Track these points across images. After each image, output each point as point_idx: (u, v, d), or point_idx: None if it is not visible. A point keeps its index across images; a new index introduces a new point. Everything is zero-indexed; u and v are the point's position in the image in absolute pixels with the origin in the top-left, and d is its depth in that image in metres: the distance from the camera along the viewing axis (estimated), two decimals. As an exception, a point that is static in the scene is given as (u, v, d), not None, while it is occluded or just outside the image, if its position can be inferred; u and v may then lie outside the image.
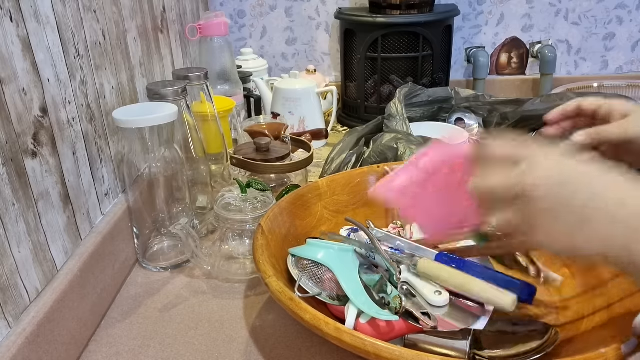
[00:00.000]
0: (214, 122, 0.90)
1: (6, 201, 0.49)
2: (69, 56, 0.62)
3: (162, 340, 0.61)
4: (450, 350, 0.49)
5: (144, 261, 0.76)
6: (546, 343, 0.49)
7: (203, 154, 0.83)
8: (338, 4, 1.49)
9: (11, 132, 0.50)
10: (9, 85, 0.50)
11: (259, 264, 0.55)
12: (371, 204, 0.74)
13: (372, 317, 0.51)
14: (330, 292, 0.56)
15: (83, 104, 0.66)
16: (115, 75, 0.76)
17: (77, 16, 0.65)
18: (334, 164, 0.87)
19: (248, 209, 0.71)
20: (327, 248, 0.59)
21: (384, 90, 1.33)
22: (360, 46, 1.30)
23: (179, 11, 1.14)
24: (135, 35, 0.86)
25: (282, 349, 0.59)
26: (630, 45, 1.50)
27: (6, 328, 0.49)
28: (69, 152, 0.62)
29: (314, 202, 0.71)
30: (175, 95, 0.76)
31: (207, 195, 0.86)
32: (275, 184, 0.89)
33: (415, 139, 0.82)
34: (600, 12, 1.47)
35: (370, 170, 0.75)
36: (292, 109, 1.18)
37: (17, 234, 0.51)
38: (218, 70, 1.10)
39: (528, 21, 1.49)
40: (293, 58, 1.56)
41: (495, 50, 1.53)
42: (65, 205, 0.61)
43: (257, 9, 1.51)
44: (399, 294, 0.55)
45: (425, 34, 1.26)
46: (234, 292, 0.70)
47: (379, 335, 0.50)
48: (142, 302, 0.68)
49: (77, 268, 0.60)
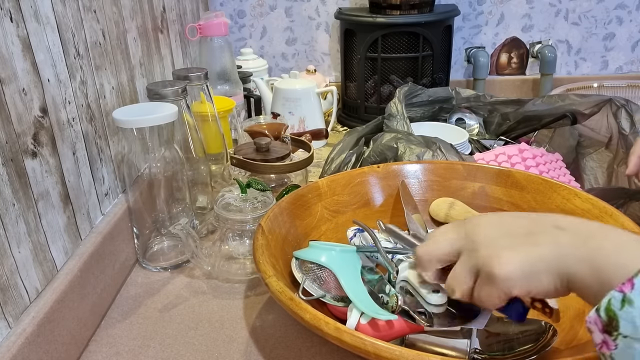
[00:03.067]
0: (214, 122, 0.90)
1: (6, 201, 0.49)
2: (69, 56, 0.62)
3: (162, 340, 0.61)
4: (451, 350, 0.49)
5: (144, 261, 0.76)
6: (545, 342, 0.49)
7: (203, 154, 0.83)
8: (338, 4, 1.49)
9: (11, 132, 0.50)
10: (9, 85, 0.50)
11: (259, 264, 0.55)
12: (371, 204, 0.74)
13: (372, 318, 0.51)
14: (335, 293, 0.56)
15: (83, 104, 0.66)
16: (115, 75, 0.76)
17: (77, 16, 0.65)
18: (334, 164, 0.87)
19: (248, 209, 0.71)
20: (329, 250, 0.59)
21: (384, 90, 1.33)
22: (360, 46, 1.30)
23: (179, 11, 1.14)
24: (135, 35, 0.86)
25: (282, 349, 0.59)
26: (630, 45, 1.50)
27: (6, 328, 0.49)
28: (69, 152, 0.62)
29: (314, 202, 0.71)
30: (175, 95, 0.76)
31: (207, 195, 0.86)
32: (275, 184, 0.89)
33: (416, 139, 0.82)
34: (600, 12, 1.47)
35: (370, 170, 0.75)
36: (292, 109, 1.18)
37: (17, 234, 0.51)
38: (218, 70, 1.10)
39: (528, 21, 1.49)
40: (293, 58, 1.56)
41: (495, 50, 1.53)
42: (65, 205, 0.61)
43: (257, 9, 1.51)
44: (396, 293, 0.55)
45: (425, 34, 1.26)
46: (234, 292, 0.70)
47: (380, 335, 0.50)
48: (142, 302, 0.68)
49: (77, 268, 0.60)
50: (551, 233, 0.40)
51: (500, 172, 0.73)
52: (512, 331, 0.52)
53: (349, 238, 0.66)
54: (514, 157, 0.81)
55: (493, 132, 1.07)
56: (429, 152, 0.79)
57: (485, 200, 0.72)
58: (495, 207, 0.71)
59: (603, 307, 0.32)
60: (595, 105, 0.90)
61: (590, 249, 0.37)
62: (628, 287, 0.31)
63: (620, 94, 1.34)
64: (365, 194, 0.74)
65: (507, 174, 0.72)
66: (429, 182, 0.75)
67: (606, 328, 0.32)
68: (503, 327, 0.53)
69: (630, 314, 0.31)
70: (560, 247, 0.38)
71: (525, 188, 0.70)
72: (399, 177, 0.75)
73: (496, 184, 0.72)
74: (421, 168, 0.75)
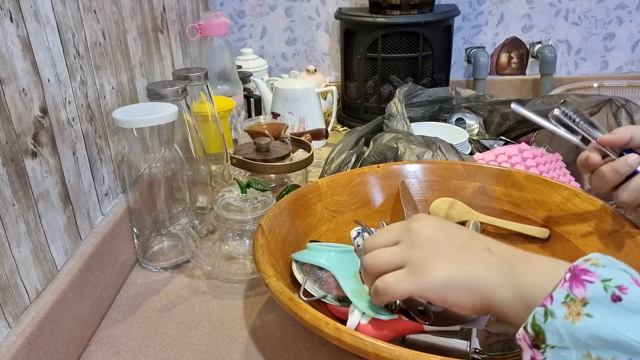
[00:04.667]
0: (214, 122, 0.90)
1: (6, 201, 0.49)
2: (69, 56, 0.62)
3: (162, 340, 0.61)
4: (451, 350, 0.49)
5: (144, 261, 0.76)
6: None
7: (203, 154, 0.83)
8: (338, 4, 1.49)
9: (11, 132, 0.50)
10: (9, 85, 0.50)
11: (259, 264, 0.55)
12: (371, 204, 0.74)
13: (372, 318, 0.51)
14: (335, 294, 0.56)
15: (83, 104, 0.66)
16: (115, 75, 0.76)
17: (77, 16, 0.65)
18: (334, 164, 0.87)
19: (248, 209, 0.71)
20: (328, 251, 0.59)
21: (384, 90, 1.33)
22: (360, 46, 1.30)
23: (179, 11, 1.14)
24: (135, 35, 0.86)
25: (282, 349, 0.59)
26: (630, 45, 1.50)
27: (6, 328, 0.49)
28: (69, 152, 0.62)
29: (314, 202, 0.71)
30: (175, 95, 0.76)
31: (207, 195, 0.86)
32: (275, 184, 0.89)
33: (416, 139, 0.82)
34: (600, 12, 1.47)
35: (370, 170, 0.75)
36: (292, 109, 1.18)
37: (17, 234, 0.51)
38: (218, 70, 1.10)
39: (528, 21, 1.49)
40: (293, 58, 1.56)
41: (495, 50, 1.53)
42: (65, 205, 0.61)
43: (257, 9, 1.51)
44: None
45: (425, 34, 1.26)
46: (234, 292, 0.70)
47: (379, 336, 0.50)
48: (142, 302, 0.68)
49: (77, 268, 0.60)
50: (482, 254, 0.42)
51: (500, 172, 0.73)
52: (512, 331, 0.52)
53: (352, 238, 0.66)
54: (514, 157, 0.81)
55: (493, 132, 1.07)
56: (429, 152, 0.79)
57: (485, 200, 0.72)
58: (496, 207, 0.71)
59: (529, 323, 0.34)
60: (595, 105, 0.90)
61: (514, 274, 0.40)
62: (548, 301, 0.34)
63: (620, 94, 1.34)
64: (365, 194, 0.74)
65: (507, 174, 0.72)
66: (429, 182, 0.75)
67: (534, 342, 0.34)
68: (503, 327, 0.53)
69: (554, 325, 0.33)
70: (489, 269, 0.41)
71: (525, 188, 0.70)
72: (399, 177, 0.75)
73: (496, 184, 0.72)
74: (421, 168, 0.75)
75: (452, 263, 0.42)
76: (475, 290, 0.41)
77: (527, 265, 0.40)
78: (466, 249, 0.43)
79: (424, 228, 0.45)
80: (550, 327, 0.33)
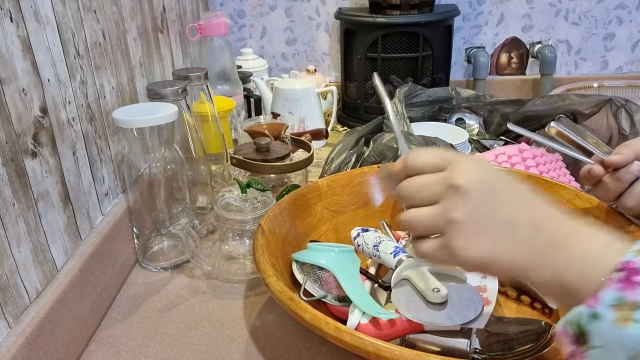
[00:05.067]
0: (214, 122, 0.90)
1: (6, 201, 0.49)
2: (69, 56, 0.62)
3: (162, 340, 0.61)
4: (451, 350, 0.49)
5: (144, 261, 0.76)
6: (545, 342, 0.49)
7: (203, 154, 0.83)
8: (338, 4, 1.49)
9: (11, 132, 0.50)
10: (9, 85, 0.50)
11: (259, 264, 0.55)
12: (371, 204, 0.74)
13: (372, 317, 0.51)
14: (336, 293, 0.56)
15: (83, 104, 0.66)
16: (115, 75, 0.76)
17: (77, 16, 0.65)
18: (334, 164, 0.87)
19: (248, 209, 0.71)
20: (328, 251, 0.59)
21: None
22: (360, 46, 1.30)
23: (179, 11, 1.14)
24: (135, 35, 0.86)
25: (282, 349, 0.59)
26: (630, 45, 1.50)
27: (6, 328, 0.49)
28: (69, 152, 0.62)
29: (314, 202, 0.71)
30: (175, 95, 0.76)
31: (207, 195, 0.86)
32: (275, 184, 0.89)
33: (416, 139, 0.82)
34: (600, 12, 1.47)
35: (370, 170, 0.75)
36: (292, 109, 1.18)
37: (17, 234, 0.51)
38: (218, 70, 1.10)
39: (528, 21, 1.49)
40: (293, 58, 1.56)
41: (495, 50, 1.53)
42: (65, 205, 0.61)
43: (257, 9, 1.51)
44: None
45: (425, 34, 1.26)
46: (234, 292, 0.70)
47: (380, 335, 0.50)
48: (142, 302, 0.68)
49: (77, 268, 0.60)
50: (525, 232, 0.40)
51: (500, 172, 0.73)
52: (512, 331, 0.52)
53: (352, 238, 0.66)
54: (514, 157, 0.81)
55: (493, 132, 1.07)
56: (429, 152, 0.79)
57: (485, 200, 0.72)
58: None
59: (572, 321, 0.33)
60: (595, 105, 0.90)
61: (557, 259, 0.38)
62: (594, 302, 0.32)
63: (620, 94, 1.34)
64: (365, 194, 0.74)
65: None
66: (429, 182, 0.75)
67: (576, 340, 0.33)
68: (503, 327, 0.53)
69: (600, 328, 0.31)
70: (529, 250, 0.39)
71: (525, 188, 0.70)
72: (399, 177, 0.75)
73: (496, 184, 0.72)
74: (421, 168, 0.75)
75: (490, 241, 0.40)
76: (512, 270, 0.40)
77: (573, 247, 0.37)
78: (508, 225, 0.40)
79: (467, 190, 0.41)
80: (595, 329, 0.32)
